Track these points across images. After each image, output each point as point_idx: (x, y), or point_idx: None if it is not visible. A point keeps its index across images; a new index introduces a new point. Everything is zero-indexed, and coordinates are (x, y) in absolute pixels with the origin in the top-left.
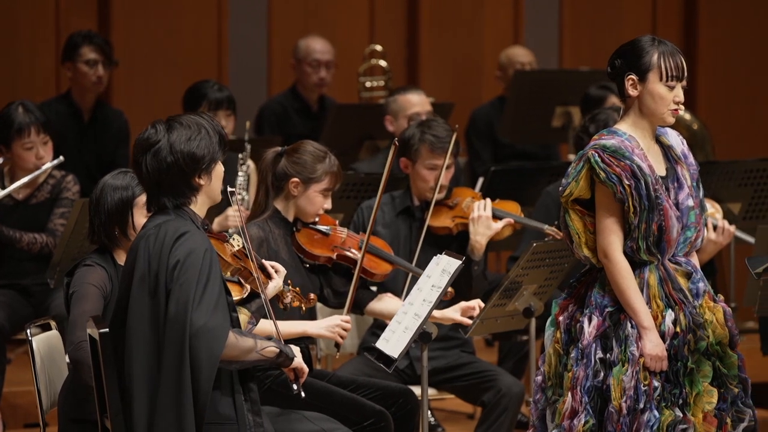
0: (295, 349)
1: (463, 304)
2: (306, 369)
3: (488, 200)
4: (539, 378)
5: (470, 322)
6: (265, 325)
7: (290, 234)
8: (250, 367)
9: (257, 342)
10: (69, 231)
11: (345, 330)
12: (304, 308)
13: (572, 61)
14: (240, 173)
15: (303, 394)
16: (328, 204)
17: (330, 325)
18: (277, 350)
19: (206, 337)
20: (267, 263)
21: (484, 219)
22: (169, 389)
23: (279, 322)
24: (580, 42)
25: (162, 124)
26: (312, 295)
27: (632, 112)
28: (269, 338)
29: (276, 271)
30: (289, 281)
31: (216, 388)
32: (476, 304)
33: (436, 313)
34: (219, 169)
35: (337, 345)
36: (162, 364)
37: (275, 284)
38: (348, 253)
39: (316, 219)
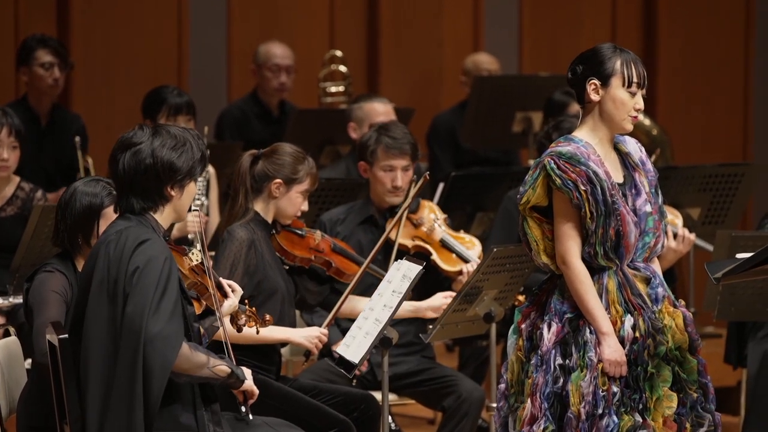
0: (247, 372)
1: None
2: (256, 392)
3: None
4: (502, 386)
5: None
6: (246, 333)
7: (270, 236)
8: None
9: (210, 359)
10: (29, 236)
11: (321, 342)
12: (258, 330)
13: (532, 66)
14: (199, 178)
15: (251, 417)
16: (305, 205)
17: (310, 335)
18: (229, 370)
19: (160, 345)
20: (224, 281)
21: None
22: (121, 394)
23: (267, 328)
24: (540, 47)
25: (148, 128)
26: (267, 317)
27: (590, 119)
28: (221, 357)
29: (233, 291)
30: (246, 301)
31: (177, 397)
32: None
33: (407, 307)
34: (192, 187)
35: (307, 355)
36: (116, 368)
37: (230, 303)
38: (326, 257)
39: (290, 221)
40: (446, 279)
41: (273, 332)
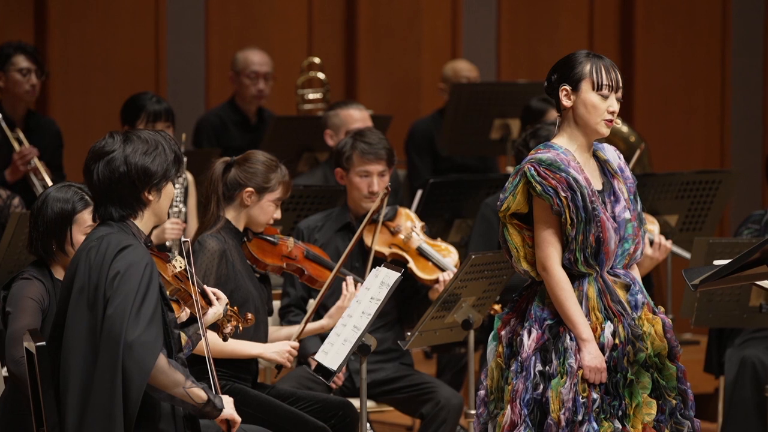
0: (227, 401)
1: None
2: (238, 420)
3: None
4: (482, 392)
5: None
6: (232, 346)
7: (241, 244)
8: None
9: (187, 380)
10: (6, 244)
11: (293, 355)
12: (240, 328)
13: (510, 73)
14: (177, 185)
15: None
16: (278, 214)
17: (281, 350)
18: (206, 397)
19: (139, 350)
20: (209, 289)
21: None
22: (100, 400)
23: (237, 342)
24: (518, 54)
25: (119, 135)
26: (249, 315)
27: (567, 125)
28: (202, 386)
29: (217, 298)
30: (227, 302)
31: (157, 404)
32: None
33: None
34: (169, 188)
35: (279, 367)
36: (95, 374)
37: (215, 311)
38: (298, 264)
39: (262, 230)
40: (423, 286)
41: (245, 347)
